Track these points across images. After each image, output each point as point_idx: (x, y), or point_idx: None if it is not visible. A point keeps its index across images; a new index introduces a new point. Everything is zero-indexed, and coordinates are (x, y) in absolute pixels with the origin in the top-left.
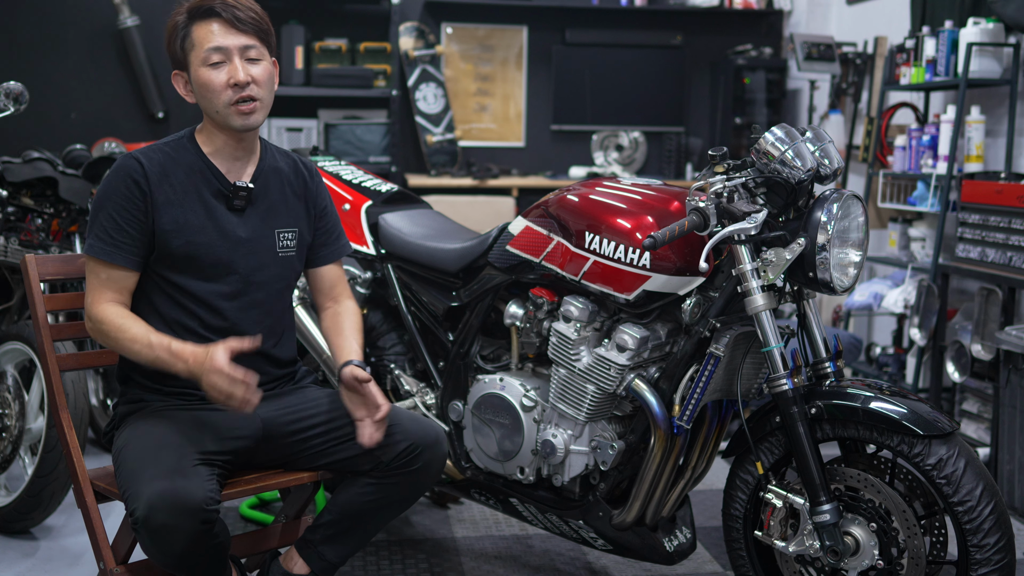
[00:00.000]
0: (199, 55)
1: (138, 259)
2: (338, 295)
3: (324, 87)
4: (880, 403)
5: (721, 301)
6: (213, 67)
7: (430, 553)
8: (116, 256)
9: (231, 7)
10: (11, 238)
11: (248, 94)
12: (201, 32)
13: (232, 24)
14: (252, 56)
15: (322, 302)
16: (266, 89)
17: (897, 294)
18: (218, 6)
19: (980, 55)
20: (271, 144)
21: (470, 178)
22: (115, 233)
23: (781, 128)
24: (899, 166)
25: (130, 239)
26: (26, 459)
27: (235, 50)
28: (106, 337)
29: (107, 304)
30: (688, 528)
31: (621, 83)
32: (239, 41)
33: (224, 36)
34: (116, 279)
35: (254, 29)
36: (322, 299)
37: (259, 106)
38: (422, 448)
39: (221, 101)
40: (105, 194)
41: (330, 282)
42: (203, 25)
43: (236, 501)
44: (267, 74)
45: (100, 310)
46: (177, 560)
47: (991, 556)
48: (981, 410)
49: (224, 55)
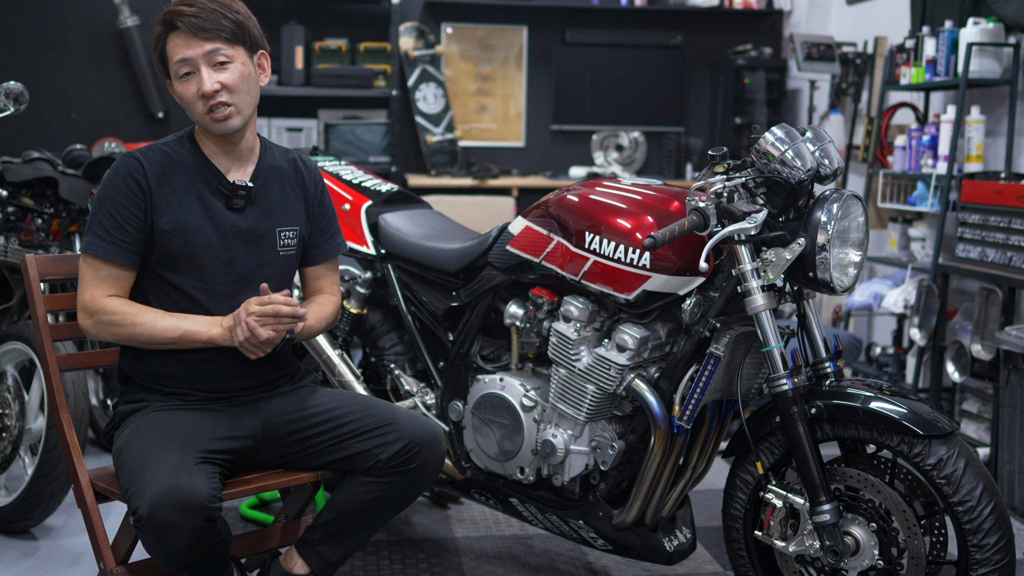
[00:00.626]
0: (173, 68)
1: (136, 257)
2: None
3: (324, 87)
4: (880, 403)
5: (721, 301)
6: (183, 79)
7: (430, 553)
8: (115, 254)
9: (189, 16)
10: (11, 238)
11: (218, 101)
12: (171, 45)
13: (193, 33)
14: (219, 60)
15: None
16: (241, 92)
17: (897, 294)
18: (177, 17)
19: (980, 55)
20: (272, 143)
21: (470, 178)
22: (114, 231)
23: (781, 128)
24: (899, 166)
25: (129, 237)
26: (26, 459)
27: (199, 59)
28: (113, 326)
29: (109, 297)
30: (688, 528)
31: (621, 83)
32: (201, 49)
33: (187, 47)
34: (115, 276)
35: (217, 33)
36: (306, 295)
37: (234, 111)
38: (420, 446)
39: (196, 112)
40: (105, 192)
41: (315, 280)
42: (172, 38)
43: (236, 501)
44: (239, 76)
45: (103, 303)
46: (180, 558)
47: (991, 556)
48: (981, 410)
49: (190, 66)
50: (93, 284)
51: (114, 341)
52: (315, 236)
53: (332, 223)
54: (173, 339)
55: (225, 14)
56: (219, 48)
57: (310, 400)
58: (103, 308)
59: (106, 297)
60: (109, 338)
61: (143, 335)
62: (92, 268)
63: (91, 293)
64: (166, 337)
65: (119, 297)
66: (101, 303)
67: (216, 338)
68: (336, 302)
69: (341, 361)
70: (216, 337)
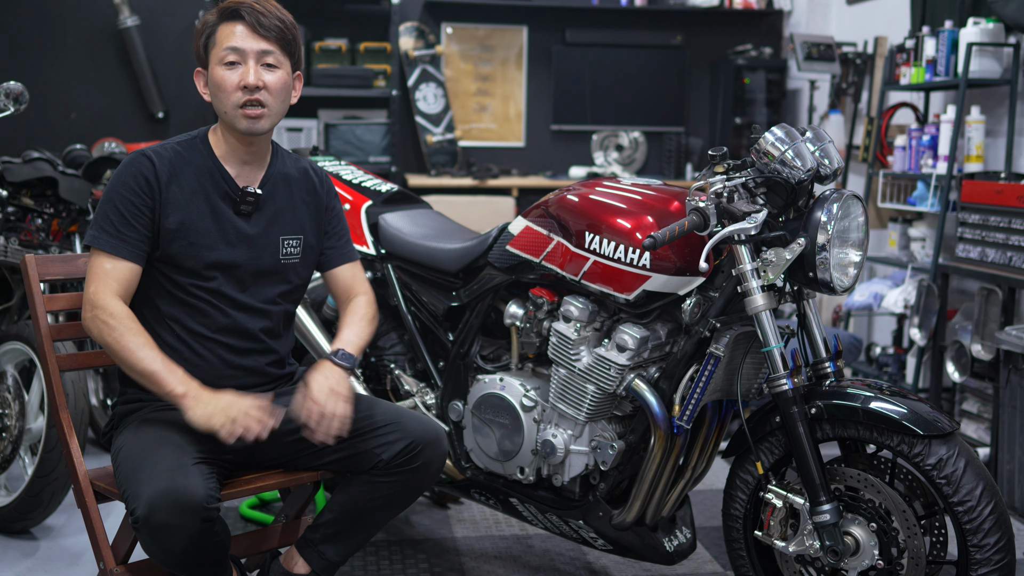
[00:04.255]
0: (217, 54)
1: (142, 254)
2: (357, 294)
3: (324, 87)
4: (880, 403)
5: (721, 301)
6: (228, 67)
7: (430, 553)
8: (122, 249)
9: (257, 12)
10: (11, 238)
11: (256, 98)
12: (224, 32)
13: (254, 28)
14: (269, 62)
15: (342, 304)
16: (278, 98)
17: (897, 294)
18: (244, 9)
19: (980, 55)
20: (283, 149)
21: (470, 178)
22: (122, 227)
23: (781, 128)
24: (899, 166)
25: (136, 234)
26: (26, 459)
27: (252, 53)
28: (106, 328)
29: (118, 301)
30: (688, 528)
31: (621, 83)
32: (258, 46)
33: (244, 39)
34: (120, 270)
35: (276, 36)
36: (340, 302)
37: (266, 113)
38: (422, 446)
39: (230, 102)
40: (115, 188)
41: (345, 285)
42: (227, 26)
43: (236, 501)
44: (281, 83)
45: (108, 301)
46: (178, 559)
47: (991, 556)
48: (981, 410)
49: (240, 56)
50: (99, 278)
51: (99, 342)
52: (328, 241)
53: (344, 230)
54: (142, 371)
55: (285, 24)
56: (272, 51)
57: None
58: (104, 306)
59: (114, 298)
60: (97, 337)
61: (121, 351)
62: (97, 262)
63: (95, 286)
64: (138, 366)
65: (125, 305)
66: (105, 300)
67: (179, 397)
68: (369, 300)
69: None
70: (179, 396)
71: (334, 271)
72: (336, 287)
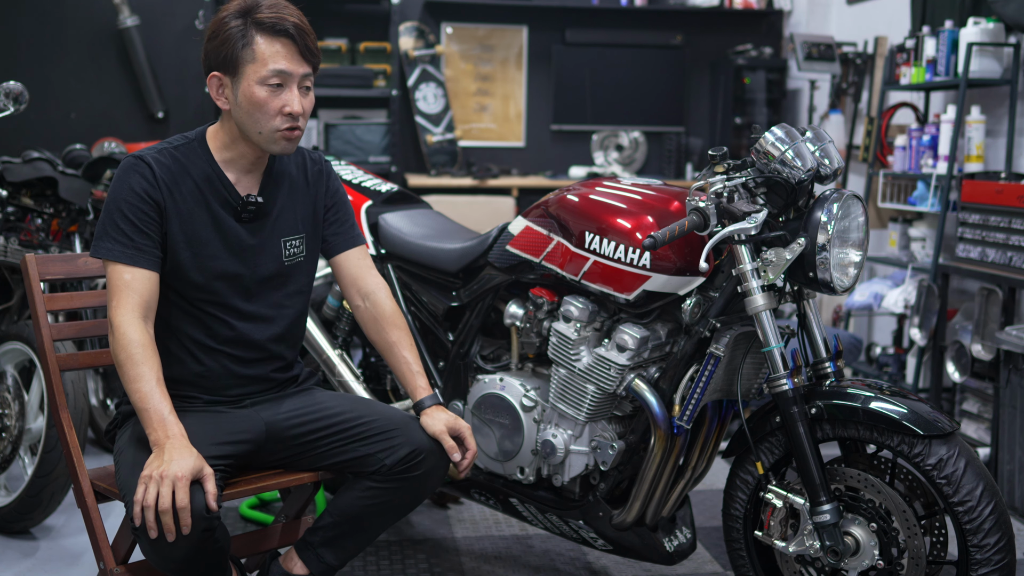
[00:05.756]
0: (258, 71)
1: (158, 261)
2: (367, 290)
3: (324, 87)
4: (880, 403)
5: (721, 301)
6: (271, 89)
7: (430, 553)
8: (139, 259)
9: (305, 34)
10: (11, 238)
11: (297, 124)
12: (268, 48)
13: (302, 53)
14: (307, 85)
15: (351, 297)
16: (308, 117)
17: (897, 294)
18: (292, 28)
19: (980, 55)
20: None
21: (470, 178)
22: (134, 235)
23: (781, 128)
24: (899, 166)
25: (150, 241)
26: (26, 459)
27: (297, 78)
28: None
29: (133, 318)
30: (688, 528)
31: (621, 83)
32: (302, 69)
33: (291, 62)
34: (140, 280)
35: (315, 62)
36: (350, 294)
37: (300, 134)
38: (425, 453)
39: (271, 126)
40: (119, 195)
41: (352, 273)
42: (272, 41)
43: (236, 501)
44: (311, 104)
45: (125, 321)
46: (177, 565)
47: (991, 556)
48: (981, 410)
49: (284, 79)
50: (120, 293)
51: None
52: (330, 227)
53: (348, 214)
54: (135, 401)
55: (316, 45)
56: (310, 74)
57: (316, 402)
58: (118, 326)
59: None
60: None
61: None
62: (116, 275)
63: (116, 304)
64: (134, 396)
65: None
66: (120, 320)
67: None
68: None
69: (341, 361)
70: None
71: (339, 257)
72: (343, 276)
